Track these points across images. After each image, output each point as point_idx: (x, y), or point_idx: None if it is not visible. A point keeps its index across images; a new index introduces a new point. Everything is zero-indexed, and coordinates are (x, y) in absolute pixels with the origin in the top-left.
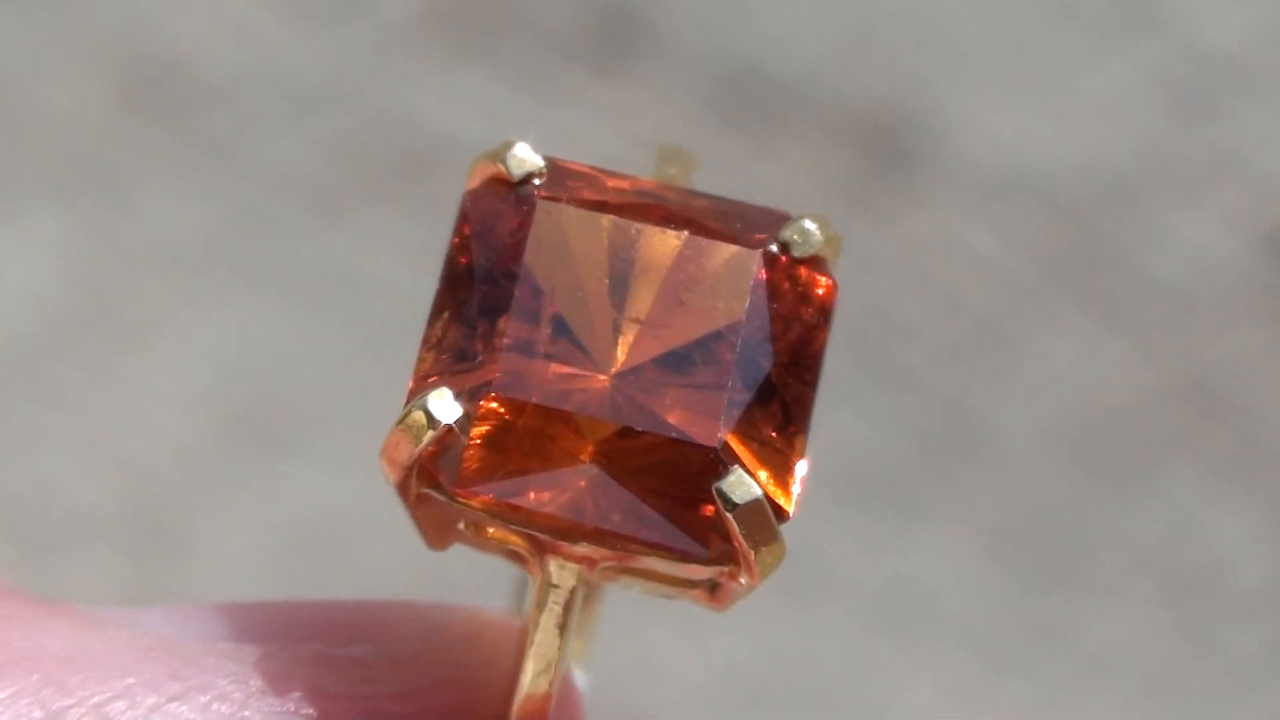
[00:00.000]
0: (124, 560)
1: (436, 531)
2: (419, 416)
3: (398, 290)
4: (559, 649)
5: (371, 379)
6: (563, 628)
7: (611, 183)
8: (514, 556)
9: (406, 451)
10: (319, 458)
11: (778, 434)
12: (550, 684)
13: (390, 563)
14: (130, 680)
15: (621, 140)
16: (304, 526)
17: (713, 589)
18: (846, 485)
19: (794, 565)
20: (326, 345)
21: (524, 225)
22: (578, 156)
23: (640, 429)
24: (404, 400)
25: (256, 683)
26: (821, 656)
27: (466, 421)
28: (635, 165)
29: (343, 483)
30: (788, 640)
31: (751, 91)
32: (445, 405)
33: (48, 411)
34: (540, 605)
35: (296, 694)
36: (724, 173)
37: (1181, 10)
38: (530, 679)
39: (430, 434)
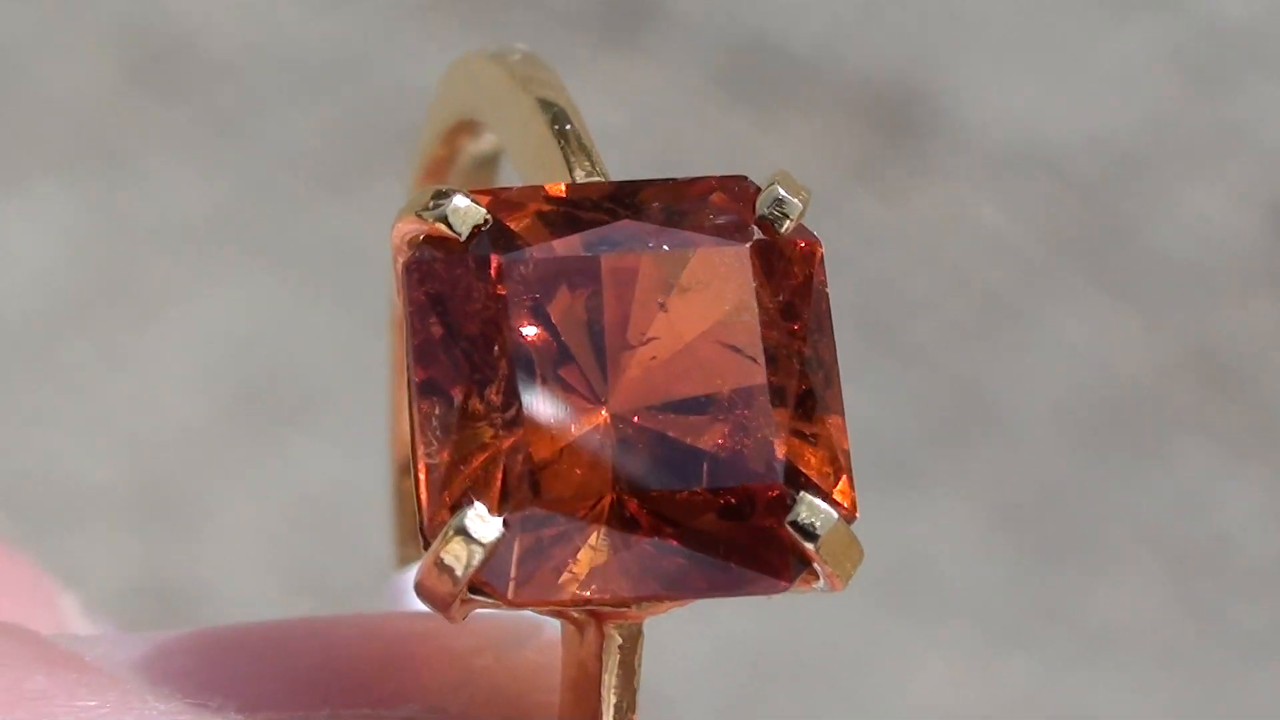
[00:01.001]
0: (132, 537)
1: (464, 614)
2: (460, 544)
3: None
4: (633, 699)
5: (379, 354)
6: (631, 679)
7: (551, 203)
8: (556, 614)
9: (451, 582)
10: (326, 434)
11: (815, 423)
12: None
13: None
14: None
15: (629, 114)
16: (312, 503)
17: None
18: (855, 460)
19: None
20: (334, 321)
21: (491, 290)
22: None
23: (688, 484)
24: (420, 509)
25: None
26: (829, 632)
27: (505, 529)
28: (642, 140)
29: (350, 459)
30: (794, 616)
31: (760, 65)
32: (484, 523)
33: (55, 389)
34: (607, 665)
35: None
36: (732, 147)
37: None
38: None
39: (477, 559)
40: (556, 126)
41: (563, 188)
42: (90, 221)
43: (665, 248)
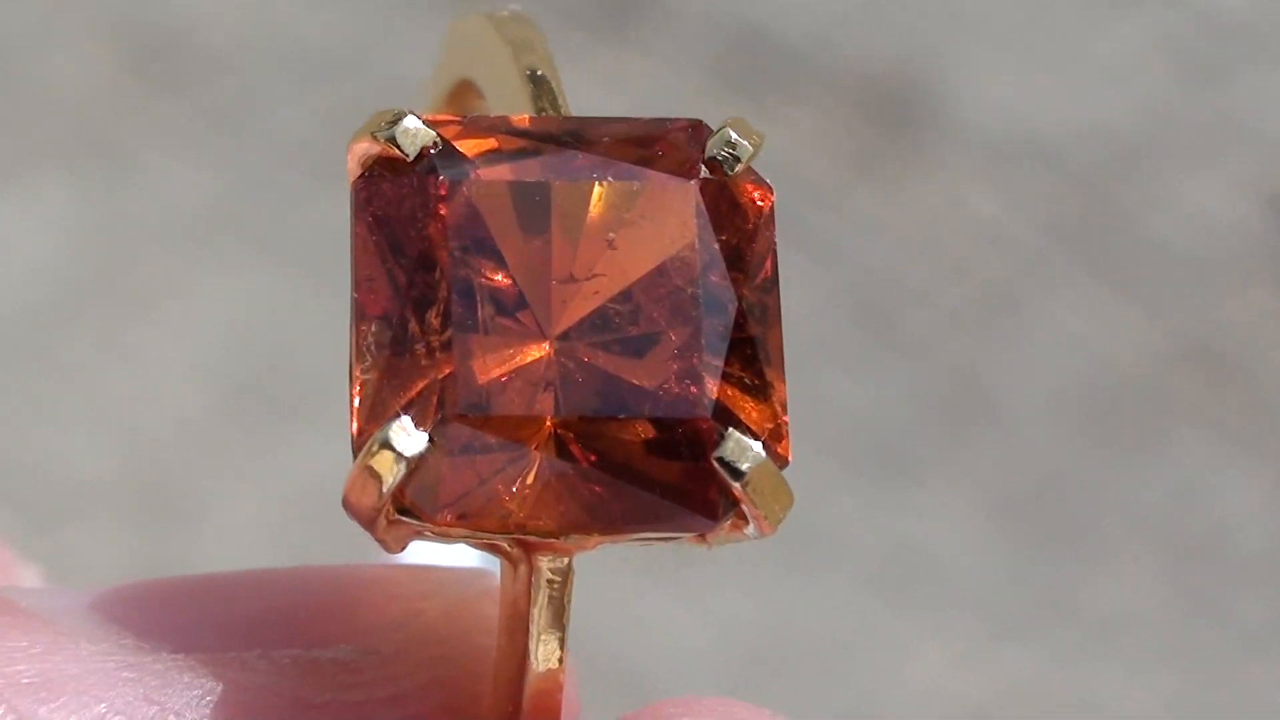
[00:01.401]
0: (131, 531)
1: (397, 541)
2: (385, 456)
3: None
4: (562, 636)
5: None
6: (561, 616)
7: (504, 133)
8: (488, 547)
9: (374, 493)
10: (325, 427)
11: (754, 370)
12: (560, 677)
13: None
14: (102, 708)
15: (625, 105)
16: (311, 496)
17: (702, 534)
18: (852, 450)
19: (798, 529)
20: (333, 314)
21: (433, 209)
22: None
23: (622, 416)
24: (351, 427)
25: (236, 701)
26: (825, 621)
27: (432, 445)
28: None
29: (349, 452)
30: (791, 605)
31: (757, 56)
32: (408, 437)
33: (54, 382)
34: (535, 598)
35: (281, 710)
36: None
37: None
38: (538, 674)
39: (399, 472)
40: (529, 73)
41: (525, 119)
42: (88, 215)
43: (612, 179)
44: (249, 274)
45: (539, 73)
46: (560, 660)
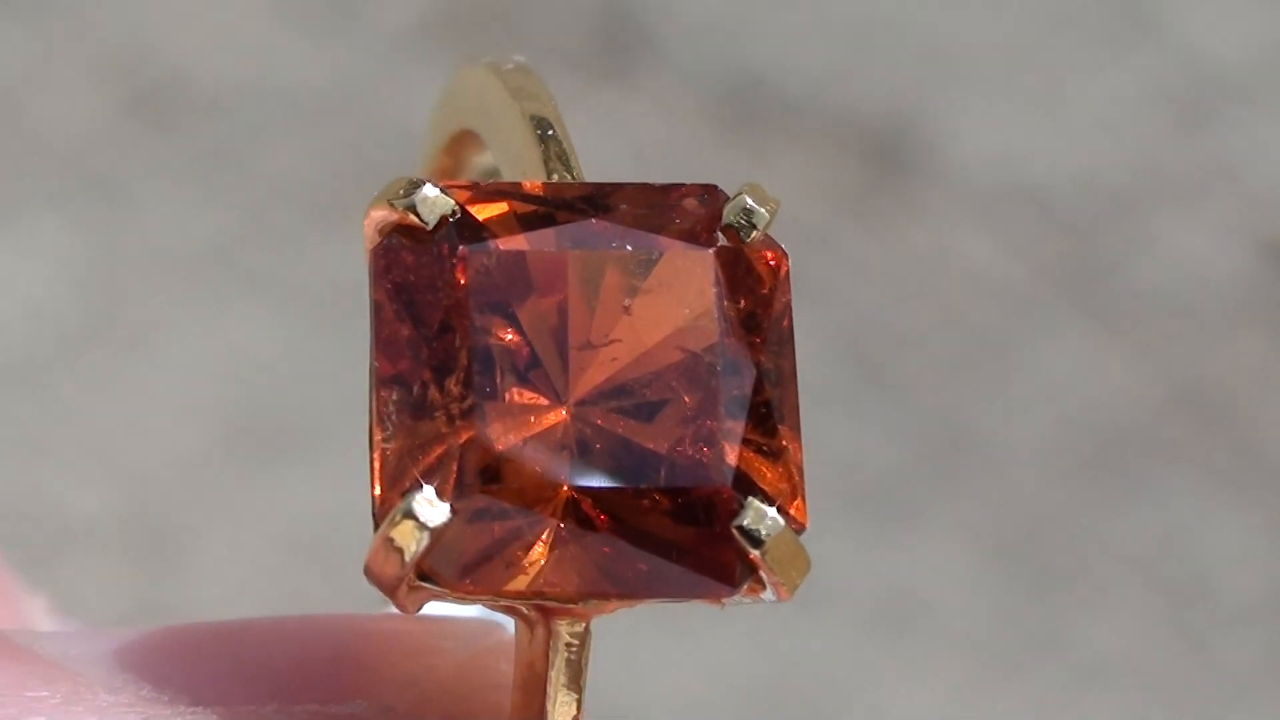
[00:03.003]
0: (126, 569)
1: (415, 604)
2: (408, 526)
3: None
4: (579, 698)
5: None
6: (578, 679)
7: (519, 199)
8: (507, 610)
9: (397, 564)
10: (320, 466)
11: (770, 434)
12: None
13: None
14: None
15: (622, 148)
16: (306, 535)
17: None
18: (845, 494)
19: None
20: (328, 354)
21: (453, 280)
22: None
23: (643, 485)
24: (372, 492)
25: None
26: (819, 663)
27: (454, 516)
28: (635, 175)
29: (343, 490)
30: (785, 647)
31: (752, 101)
32: (432, 508)
33: (49, 420)
34: (553, 661)
35: None
36: (724, 182)
37: (1178, 21)
38: None
39: (422, 541)
40: (539, 132)
41: (539, 186)
42: (85, 253)
43: (630, 248)
44: (244, 313)
45: (549, 131)
46: None
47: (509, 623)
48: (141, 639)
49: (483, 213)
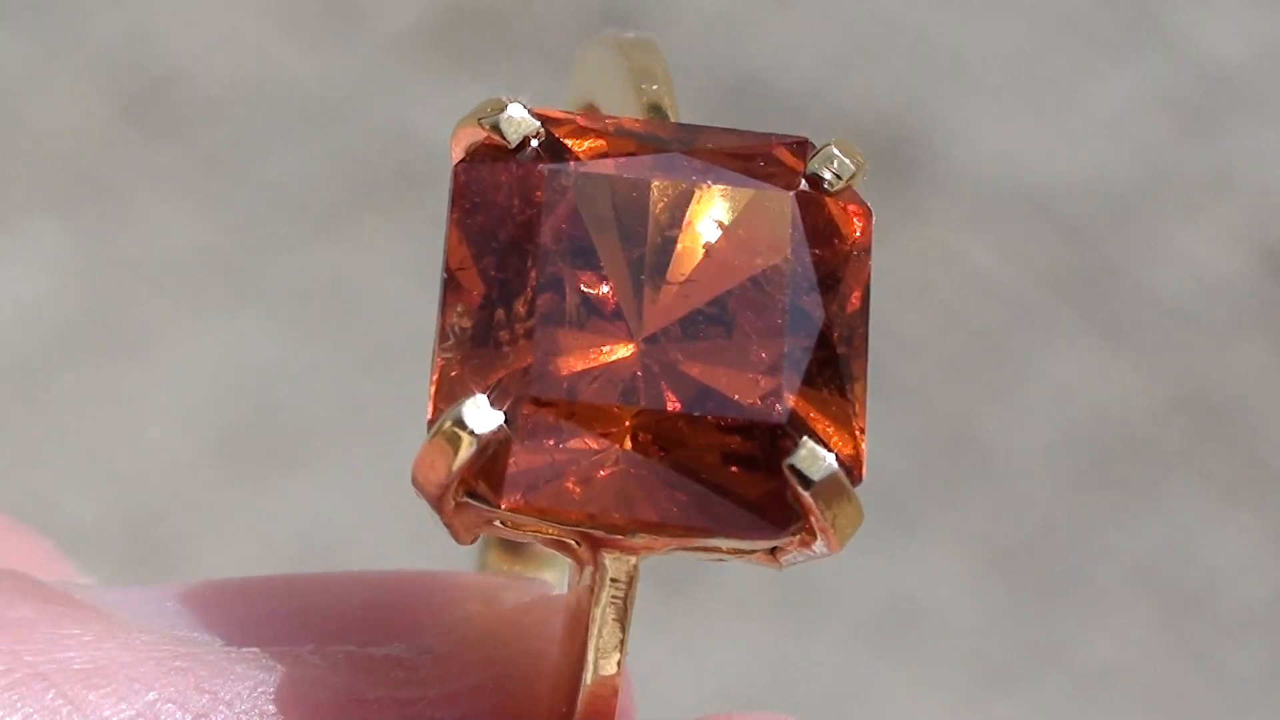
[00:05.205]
0: (120, 574)
1: (467, 529)
2: (454, 430)
3: (395, 304)
4: (621, 642)
5: (369, 394)
6: (623, 619)
7: (610, 131)
8: (557, 545)
9: (443, 470)
10: (316, 473)
11: (836, 387)
12: (616, 681)
13: None
14: (153, 696)
15: None
16: (301, 542)
17: (773, 550)
18: None
19: (790, 580)
20: (324, 360)
21: (530, 198)
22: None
23: (696, 412)
24: (428, 402)
25: (289, 693)
26: (819, 673)
27: (504, 425)
28: None
29: (340, 498)
30: (785, 656)
31: (752, 104)
32: (482, 414)
33: (45, 426)
34: (598, 598)
35: (333, 704)
36: None
37: (1183, 26)
38: (594, 676)
39: (469, 449)
40: (648, 104)
41: (638, 122)
42: (81, 259)
43: (711, 184)
44: (241, 319)
45: (660, 104)
46: (619, 664)
47: (552, 584)
48: (178, 589)
49: (571, 137)
